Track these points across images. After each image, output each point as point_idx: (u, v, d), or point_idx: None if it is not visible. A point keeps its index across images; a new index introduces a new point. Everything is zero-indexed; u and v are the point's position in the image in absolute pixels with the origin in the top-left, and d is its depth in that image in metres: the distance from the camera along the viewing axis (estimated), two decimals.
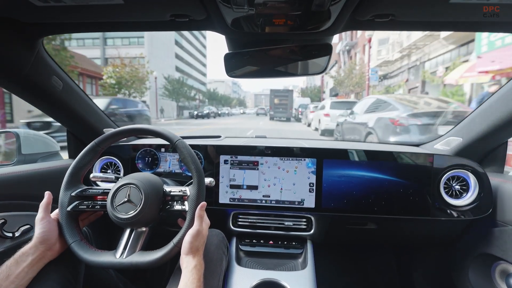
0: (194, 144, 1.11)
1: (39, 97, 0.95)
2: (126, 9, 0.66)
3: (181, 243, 0.69)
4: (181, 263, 0.68)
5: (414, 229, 1.17)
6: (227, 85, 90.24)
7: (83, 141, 1.22)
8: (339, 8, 0.61)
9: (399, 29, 0.79)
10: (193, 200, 0.73)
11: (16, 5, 0.64)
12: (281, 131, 11.50)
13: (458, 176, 1.05)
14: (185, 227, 0.71)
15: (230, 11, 0.63)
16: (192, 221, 0.71)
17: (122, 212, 0.71)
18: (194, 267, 0.66)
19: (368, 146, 1.22)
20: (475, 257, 1.04)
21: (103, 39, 30.00)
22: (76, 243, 0.71)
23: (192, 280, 0.63)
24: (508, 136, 1.04)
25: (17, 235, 0.85)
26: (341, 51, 25.75)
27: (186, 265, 0.67)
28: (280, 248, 1.12)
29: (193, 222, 0.71)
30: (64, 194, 0.75)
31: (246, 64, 0.89)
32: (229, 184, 1.11)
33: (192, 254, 0.68)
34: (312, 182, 1.08)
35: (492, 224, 0.99)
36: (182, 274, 0.65)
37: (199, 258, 0.69)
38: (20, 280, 0.61)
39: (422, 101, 5.53)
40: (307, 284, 0.93)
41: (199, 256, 0.69)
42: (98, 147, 0.80)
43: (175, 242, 0.70)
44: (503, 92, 0.93)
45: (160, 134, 0.79)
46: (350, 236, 1.27)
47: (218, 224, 1.09)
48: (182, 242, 0.69)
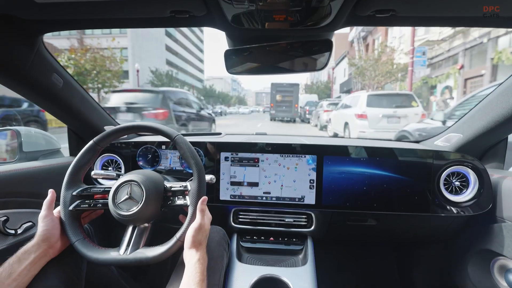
0: (194, 141, 1.11)
1: (40, 94, 0.95)
2: (126, 5, 0.66)
3: (184, 237, 0.70)
4: (184, 257, 0.69)
5: (414, 225, 1.18)
6: (226, 82, 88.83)
7: (84, 139, 1.22)
8: (340, 3, 0.61)
9: (400, 25, 0.79)
10: (194, 194, 0.74)
11: (16, 2, 0.64)
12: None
13: (458, 172, 1.05)
14: (188, 221, 0.72)
15: (230, 7, 0.63)
16: (194, 215, 0.72)
17: (124, 209, 0.71)
18: (198, 261, 0.66)
19: (368, 142, 1.23)
20: (475, 253, 1.05)
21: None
22: (80, 242, 0.71)
23: (195, 273, 0.64)
24: (508, 132, 1.04)
25: (20, 232, 0.86)
26: (355, 38, 22.54)
27: (189, 259, 0.67)
28: (280, 244, 1.13)
29: (195, 216, 0.72)
30: (65, 194, 0.76)
31: (246, 60, 0.89)
32: (229, 181, 1.12)
33: (195, 248, 0.69)
34: (313, 179, 1.08)
35: (492, 220, 1.00)
36: (186, 268, 0.66)
37: (202, 251, 0.69)
38: (22, 278, 0.62)
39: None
40: (307, 280, 0.94)
41: (202, 250, 0.70)
42: (98, 146, 0.80)
43: (178, 236, 0.70)
44: (504, 88, 0.93)
45: (159, 130, 0.79)
46: (350, 233, 1.28)
47: (219, 221, 1.09)
48: (185, 236, 0.70)
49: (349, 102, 7.27)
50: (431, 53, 12.21)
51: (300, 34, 0.80)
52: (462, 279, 1.10)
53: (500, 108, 0.92)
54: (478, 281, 1.03)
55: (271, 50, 0.84)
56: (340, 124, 7.28)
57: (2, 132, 1.16)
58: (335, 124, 7.98)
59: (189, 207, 0.74)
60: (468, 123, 1.08)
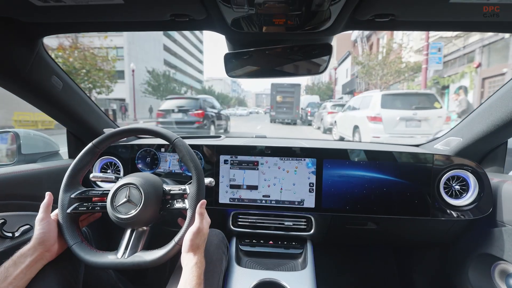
0: (194, 144, 1.11)
1: (39, 97, 0.95)
2: (126, 8, 0.66)
3: (182, 241, 0.69)
4: (182, 261, 0.69)
5: (413, 229, 1.17)
6: (226, 84, 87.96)
7: (83, 141, 1.22)
8: (339, 8, 0.61)
9: (399, 29, 0.79)
10: (193, 198, 0.73)
11: (16, 5, 0.64)
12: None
13: (458, 176, 1.05)
14: (186, 225, 0.71)
15: (230, 11, 0.63)
16: (193, 219, 0.71)
17: (122, 212, 0.71)
18: (195, 265, 0.66)
19: (368, 146, 1.22)
20: (475, 257, 1.04)
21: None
22: (77, 245, 0.71)
23: (192, 277, 0.63)
24: (508, 136, 1.04)
25: (17, 235, 0.85)
26: (359, 38, 21.98)
27: (186, 262, 0.67)
28: (280, 248, 1.12)
29: (194, 219, 0.71)
30: (63, 196, 0.75)
31: (246, 64, 0.89)
32: (229, 184, 1.11)
33: (193, 252, 0.68)
34: (312, 182, 1.08)
35: (492, 224, 0.99)
36: (183, 272, 0.66)
37: (200, 256, 0.69)
38: (18, 281, 0.61)
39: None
40: (307, 284, 0.93)
41: (200, 254, 0.69)
42: (97, 148, 0.80)
43: (176, 240, 0.70)
44: (503, 91, 0.93)
45: (159, 133, 0.79)
46: (350, 236, 1.27)
47: (218, 224, 1.09)
48: (183, 240, 0.69)
49: (359, 103, 6.52)
50: (443, 51, 10.84)
51: (299, 38, 0.80)
52: (463, 283, 1.09)
53: (500, 112, 0.92)
54: (478, 286, 1.02)
55: (271, 53, 0.84)
56: (348, 127, 6.59)
57: (1, 135, 1.15)
58: (341, 127, 7.35)
59: (187, 210, 0.73)
60: (468, 126, 1.08)
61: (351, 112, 6.84)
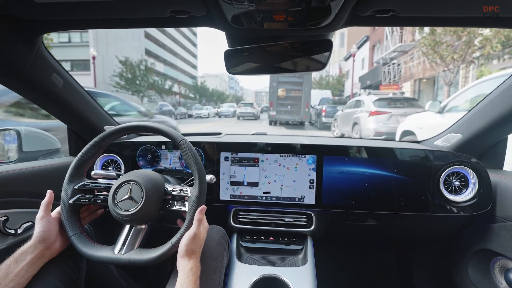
0: (194, 141, 1.11)
1: (39, 95, 0.95)
2: (126, 5, 0.66)
3: (178, 244, 0.69)
4: (178, 265, 0.69)
5: (413, 225, 1.18)
6: (223, 80, 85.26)
7: (84, 139, 1.22)
8: (340, 4, 0.61)
9: (400, 25, 0.79)
10: (194, 202, 0.73)
11: (16, 2, 0.64)
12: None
13: (458, 172, 1.05)
14: (183, 228, 0.71)
15: (230, 7, 0.63)
16: (191, 223, 0.71)
17: (123, 209, 0.71)
18: (190, 270, 0.65)
19: (368, 142, 1.23)
20: (475, 253, 1.05)
21: None
22: (76, 236, 0.72)
23: (188, 282, 0.63)
24: (508, 132, 1.04)
25: (20, 232, 0.86)
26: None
27: (182, 267, 0.67)
28: (280, 244, 1.13)
29: (192, 224, 0.71)
30: (66, 187, 0.76)
31: (246, 60, 0.89)
32: (229, 181, 1.12)
33: (188, 257, 0.68)
34: (313, 179, 1.09)
35: (492, 220, 1.00)
36: (178, 276, 0.66)
37: (195, 261, 0.68)
38: (19, 278, 0.62)
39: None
40: (307, 280, 0.94)
41: (195, 259, 0.69)
42: (103, 142, 0.81)
43: (173, 242, 0.70)
44: (503, 88, 0.93)
45: (165, 133, 0.79)
46: (350, 232, 1.28)
47: (219, 221, 1.09)
48: (179, 244, 0.69)
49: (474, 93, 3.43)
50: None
51: (300, 34, 0.80)
52: (462, 278, 1.10)
53: (500, 108, 0.93)
54: (478, 281, 1.03)
55: (271, 50, 0.84)
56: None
57: (3, 132, 1.16)
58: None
59: (187, 214, 0.73)
60: (468, 123, 1.08)
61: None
